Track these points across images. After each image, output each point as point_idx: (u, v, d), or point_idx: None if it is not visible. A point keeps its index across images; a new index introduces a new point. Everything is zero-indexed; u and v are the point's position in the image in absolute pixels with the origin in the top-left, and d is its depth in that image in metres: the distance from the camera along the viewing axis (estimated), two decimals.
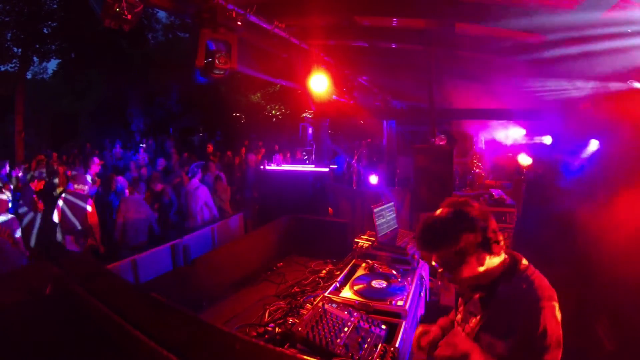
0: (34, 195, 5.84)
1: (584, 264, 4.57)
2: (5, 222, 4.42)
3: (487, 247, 1.41)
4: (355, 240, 3.00)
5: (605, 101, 4.65)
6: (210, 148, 10.99)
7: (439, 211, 1.50)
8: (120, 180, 6.46)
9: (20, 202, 5.93)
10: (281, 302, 2.37)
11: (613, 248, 3.81)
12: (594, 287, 4.25)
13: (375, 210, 3.00)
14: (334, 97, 6.09)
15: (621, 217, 3.89)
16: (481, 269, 1.44)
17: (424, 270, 2.78)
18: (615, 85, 4.44)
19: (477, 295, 1.56)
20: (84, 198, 5.16)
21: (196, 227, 5.51)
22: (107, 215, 6.33)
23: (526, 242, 6.10)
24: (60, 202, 5.11)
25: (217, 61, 3.48)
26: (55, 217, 5.12)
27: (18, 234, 4.55)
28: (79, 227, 5.06)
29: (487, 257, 1.43)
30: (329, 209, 6.41)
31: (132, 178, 7.45)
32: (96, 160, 7.95)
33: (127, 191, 6.04)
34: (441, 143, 7.62)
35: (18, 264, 4.27)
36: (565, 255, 4.95)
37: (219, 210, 6.28)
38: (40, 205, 5.58)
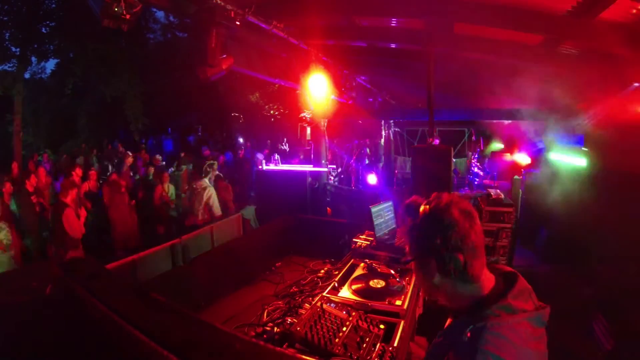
0: None
1: (585, 263, 4.59)
2: None
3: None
4: (354, 240, 3.00)
5: None
6: (207, 152, 10.93)
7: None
8: None
9: None
10: (280, 302, 2.38)
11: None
12: (594, 287, 4.27)
13: (374, 209, 3.01)
14: (332, 97, 6.09)
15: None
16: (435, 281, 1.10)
17: None
18: None
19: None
20: None
21: (195, 226, 5.49)
22: None
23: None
24: None
25: (214, 60, 3.49)
26: None
27: None
28: None
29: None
30: (328, 209, 6.42)
31: None
32: None
33: None
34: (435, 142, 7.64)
35: None
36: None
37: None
38: None
